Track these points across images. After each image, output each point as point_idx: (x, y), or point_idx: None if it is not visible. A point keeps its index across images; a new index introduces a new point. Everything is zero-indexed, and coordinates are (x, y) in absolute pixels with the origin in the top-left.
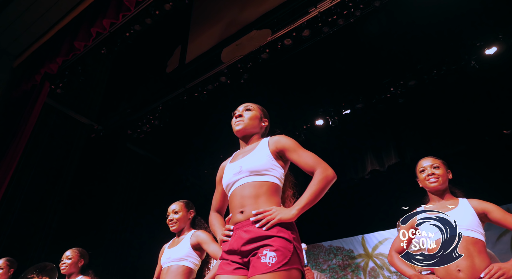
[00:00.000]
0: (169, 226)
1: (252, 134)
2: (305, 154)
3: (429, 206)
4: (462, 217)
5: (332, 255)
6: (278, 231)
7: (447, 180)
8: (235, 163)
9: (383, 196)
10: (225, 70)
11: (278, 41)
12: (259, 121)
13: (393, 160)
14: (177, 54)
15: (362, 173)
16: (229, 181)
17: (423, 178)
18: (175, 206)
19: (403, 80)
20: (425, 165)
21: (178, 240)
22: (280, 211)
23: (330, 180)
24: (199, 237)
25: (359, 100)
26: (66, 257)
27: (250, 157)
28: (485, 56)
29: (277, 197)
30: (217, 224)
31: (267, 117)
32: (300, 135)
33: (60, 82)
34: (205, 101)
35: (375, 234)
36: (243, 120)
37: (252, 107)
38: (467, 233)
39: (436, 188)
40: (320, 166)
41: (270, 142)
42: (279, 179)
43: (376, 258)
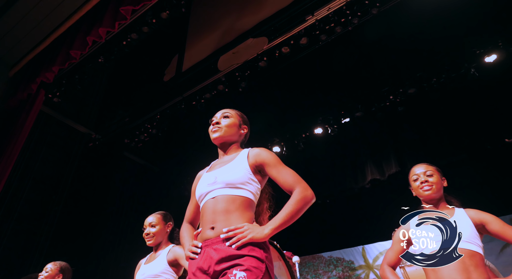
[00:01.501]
0: (146, 240)
1: (231, 143)
2: (285, 170)
3: None
4: (458, 228)
5: (332, 266)
6: (250, 250)
7: (442, 188)
8: (211, 173)
9: (383, 206)
10: (222, 79)
11: (276, 49)
12: (237, 129)
13: (393, 169)
14: (174, 62)
15: (362, 182)
16: (202, 191)
17: (416, 186)
18: (152, 219)
19: (402, 88)
20: (418, 172)
21: (154, 255)
22: (253, 230)
23: (309, 201)
24: (176, 253)
25: (358, 108)
26: (45, 269)
27: (227, 168)
28: (485, 64)
29: (251, 212)
30: (187, 237)
31: (247, 124)
32: (299, 144)
33: (57, 91)
34: (203, 109)
35: (376, 244)
36: (220, 127)
37: (231, 114)
38: (463, 245)
39: (430, 196)
40: (300, 185)
41: (250, 154)
42: (254, 194)
43: (377, 269)
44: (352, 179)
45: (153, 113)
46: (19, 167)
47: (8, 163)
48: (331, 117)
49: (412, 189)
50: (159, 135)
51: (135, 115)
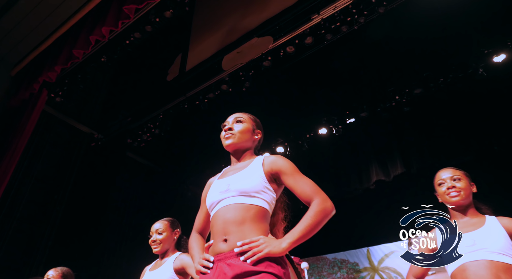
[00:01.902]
0: (152, 247)
1: (245, 150)
2: (303, 180)
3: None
4: (490, 238)
5: (336, 268)
6: (267, 266)
7: (471, 193)
8: (223, 180)
9: (389, 207)
10: (226, 78)
11: (280, 49)
12: (251, 135)
13: (398, 170)
14: (177, 62)
15: (367, 183)
16: (214, 199)
17: (442, 191)
18: (159, 225)
19: (408, 88)
20: (444, 177)
21: (160, 262)
22: (269, 243)
23: (329, 213)
24: (183, 261)
25: (364, 108)
26: (46, 276)
27: (240, 175)
28: (493, 64)
29: (265, 223)
30: (196, 248)
31: (260, 128)
32: (303, 144)
33: (60, 91)
34: (206, 109)
35: (381, 246)
36: (233, 134)
37: (244, 119)
38: (497, 257)
39: (457, 203)
40: (319, 196)
41: (266, 162)
42: (269, 204)
43: (382, 271)
44: (357, 180)
45: (156, 113)
46: (21, 166)
47: (11, 163)
48: (335, 118)
49: (437, 195)
50: (162, 135)
51: (137, 115)
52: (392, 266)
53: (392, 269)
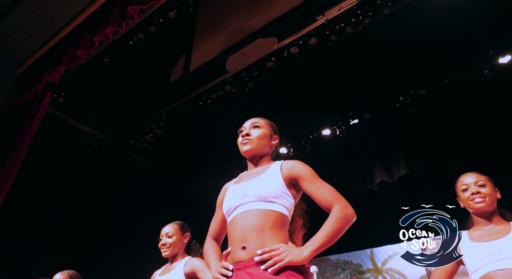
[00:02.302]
0: (161, 251)
1: (262, 156)
2: (322, 186)
3: (475, 232)
4: None
5: (339, 270)
6: (288, 275)
7: (496, 200)
8: (240, 185)
9: (392, 208)
10: (229, 79)
11: (284, 50)
12: (269, 140)
13: (402, 171)
14: (181, 63)
15: (370, 184)
16: (231, 205)
17: (466, 197)
18: (169, 229)
19: (413, 89)
20: (468, 182)
21: (170, 267)
22: (290, 252)
23: (350, 219)
24: (193, 265)
25: (368, 109)
26: None
27: (258, 180)
28: (499, 65)
29: (285, 230)
30: (212, 255)
31: (277, 133)
32: (306, 145)
33: (63, 91)
34: (209, 110)
35: (385, 248)
36: (251, 139)
37: (261, 124)
38: None
39: (482, 209)
40: (340, 202)
41: (284, 167)
42: (289, 210)
43: (386, 273)
44: (360, 181)
45: (159, 114)
46: (24, 166)
47: (15, 164)
48: (339, 118)
49: (460, 200)
50: (165, 136)
51: (140, 116)
52: (396, 267)
53: (396, 271)
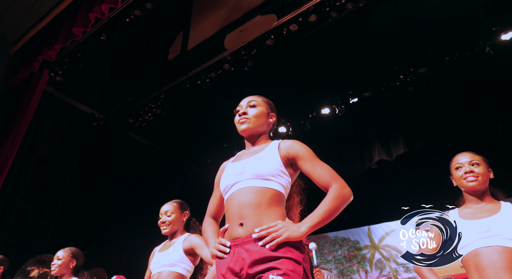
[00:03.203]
0: (161, 228)
1: (260, 134)
2: (320, 165)
3: (465, 209)
4: (505, 224)
5: (337, 246)
6: (286, 251)
7: (488, 179)
8: (238, 163)
9: (390, 187)
10: (228, 58)
11: (283, 27)
12: (266, 118)
13: (401, 150)
14: (179, 41)
15: (369, 163)
16: (228, 182)
17: (459, 175)
18: (168, 207)
19: (413, 67)
20: (462, 161)
21: (170, 243)
22: (288, 228)
23: (347, 199)
24: (192, 242)
25: (367, 88)
26: (56, 257)
27: (256, 158)
28: (501, 42)
29: (281, 207)
30: (211, 232)
31: (274, 111)
32: (305, 124)
33: (60, 70)
34: (208, 89)
35: (382, 225)
36: (248, 118)
37: (257, 102)
38: (511, 244)
39: (474, 188)
40: (337, 182)
41: (282, 146)
42: (285, 188)
43: (383, 249)
44: (359, 160)
45: (157, 93)
46: (23, 145)
47: (14, 144)
48: (338, 97)
49: (453, 179)
50: (164, 115)
51: (139, 95)
52: (393, 244)
53: (393, 247)
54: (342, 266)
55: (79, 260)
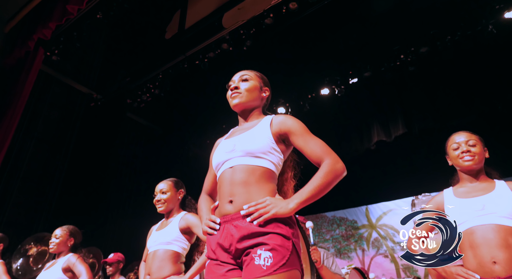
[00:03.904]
0: (156, 206)
1: (252, 109)
2: (313, 141)
3: (460, 188)
4: (500, 202)
5: (335, 226)
6: (274, 226)
7: (484, 159)
8: (230, 140)
9: (388, 167)
10: (227, 37)
11: (283, 5)
12: (259, 93)
13: (400, 131)
14: (176, 19)
15: (368, 144)
16: (220, 160)
17: (455, 155)
18: (163, 186)
19: (414, 47)
20: (459, 141)
21: (166, 222)
22: (276, 204)
23: (339, 174)
24: (188, 220)
25: (367, 68)
26: (54, 235)
27: (247, 135)
28: (505, 20)
29: (272, 184)
30: (205, 209)
31: (268, 85)
32: (305, 105)
33: (56, 49)
34: (207, 69)
35: (380, 205)
36: (240, 93)
37: (250, 76)
38: (506, 221)
39: (470, 167)
40: (330, 156)
41: (274, 122)
42: (276, 165)
43: (380, 228)
44: (358, 141)
45: (155, 73)
46: (22, 126)
47: (12, 123)
48: (338, 78)
49: (449, 158)
50: (162, 95)
51: (136, 75)
52: (390, 223)
53: (390, 226)
54: (339, 245)
55: (77, 238)
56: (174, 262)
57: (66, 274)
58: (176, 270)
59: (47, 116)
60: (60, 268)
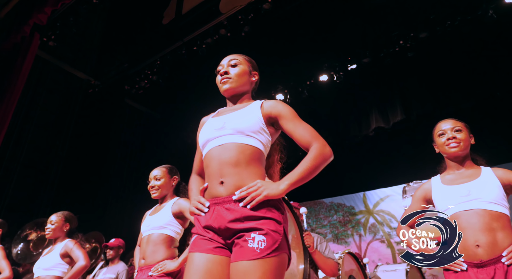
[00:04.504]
0: (150, 192)
1: (242, 94)
2: (302, 125)
3: (447, 176)
4: (485, 188)
5: (333, 211)
6: (267, 211)
7: (469, 145)
8: (219, 118)
9: (386, 154)
10: (224, 22)
11: None
12: (248, 77)
13: (398, 117)
14: (173, 4)
15: (366, 130)
16: (208, 137)
17: (442, 142)
18: (157, 172)
19: (414, 32)
20: (445, 128)
21: (160, 207)
22: (267, 186)
23: (327, 158)
24: (181, 205)
25: (366, 54)
26: (50, 222)
27: (237, 114)
28: (505, 5)
29: (261, 166)
30: (195, 190)
31: (257, 69)
32: (303, 91)
33: (52, 34)
34: (205, 55)
35: (377, 191)
36: (230, 78)
37: (239, 61)
38: (490, 206)
39: (456, 153)
40: (318, 141)
41: (264, 105)
42: (265, 146)
43: (377, 214)
44: (356, 127)
45: (153, 59)
46: (21, 112)
47: (9, 108)
48: (336, 64)
49: (435, 145)
50: (160, 81)
51: (134, 61)
52: (387, 209)
53: (387, 212)
54: (337, 230)
55: (72, 223)
56: (167, 246)
57: (64, 259)
58: (169, 254)
59: (46, 102)
60: (58, 253)
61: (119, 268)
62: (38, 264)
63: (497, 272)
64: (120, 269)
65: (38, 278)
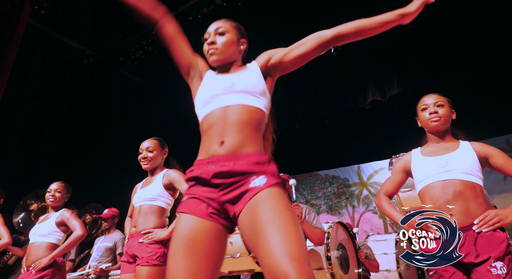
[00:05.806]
0: (141, 164)
1: (231, 63)
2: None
3: (427, 148)
4: (461, 160)
5: (327, 183)
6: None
7: (450, 120)
8: (226, 77)
9: (382, 127)
10: None
11: None
12: (236, 46)
13: (395, 90)
14: None
15: (362, 103)
16: (216, 92)
17: (424, 116)
18: (149, 144)
19: None
20: (428, 102)
21: (150, 179)
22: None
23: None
24: (171, 176)
25: None
26: (54, 190)
27: (243, 74)
28: None
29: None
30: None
31: (245, 36)
32: None
33: (44, 2)
34: (200, 26)
35: (371, 163)
36: (216, 48)
37: (226, 28)
38: (465, 177)
39: (436, 128)
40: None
41: (259, 61)
42: (267, 109)
43: (371, 186)
44: (353, 100)
45: (148, 30)
46: (15, 83)
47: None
48: None
49: (418, 120)
50: (156, 53)
51: (129, 31)
52: (380, 181)
53: (380, 184)
54: (331, 202)
55: (70, 193)
56: (159, 216)
57: (59, 227)
58: (160, 223)
59: (41, 73)
60: (53, 221)
61: (116, 237)
62: (34, 230)
63: (467, 238)
64: (117, 237)
65: (34, 243)
